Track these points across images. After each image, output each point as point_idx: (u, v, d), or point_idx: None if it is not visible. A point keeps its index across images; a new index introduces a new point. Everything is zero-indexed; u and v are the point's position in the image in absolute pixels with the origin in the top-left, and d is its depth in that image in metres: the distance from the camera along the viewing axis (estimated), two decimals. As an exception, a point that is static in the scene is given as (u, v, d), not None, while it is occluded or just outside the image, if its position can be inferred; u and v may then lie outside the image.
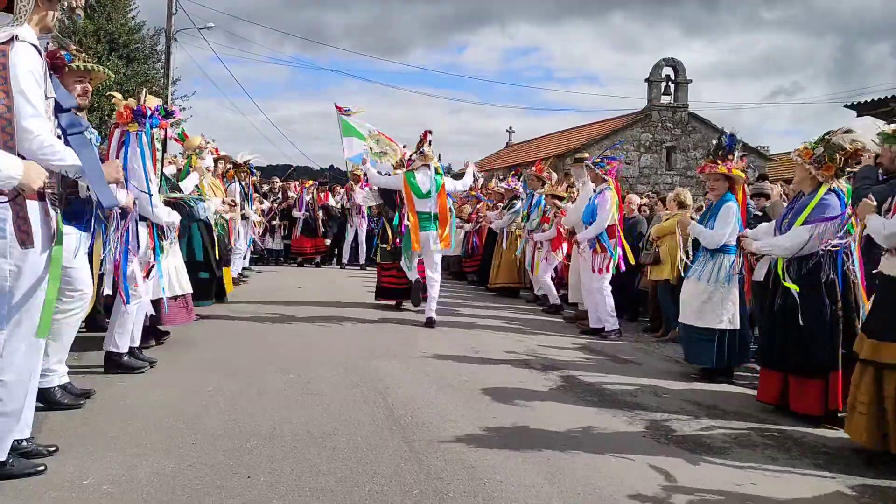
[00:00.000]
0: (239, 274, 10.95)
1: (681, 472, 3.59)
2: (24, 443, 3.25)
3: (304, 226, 14.68)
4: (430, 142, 8.08)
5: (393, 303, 9.02)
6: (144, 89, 4.92)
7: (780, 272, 4.69)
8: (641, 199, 9.90)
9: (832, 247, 4.54)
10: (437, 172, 7.98)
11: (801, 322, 4.51)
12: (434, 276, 8.02)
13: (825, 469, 3.76)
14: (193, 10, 45.99)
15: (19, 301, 3.01)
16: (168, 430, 3.85)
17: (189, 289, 6.05)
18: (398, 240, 8.41)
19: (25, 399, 3.11)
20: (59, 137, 3.17)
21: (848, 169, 4.70)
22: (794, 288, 4.55)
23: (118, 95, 4.91)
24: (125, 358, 5.03)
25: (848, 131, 4.64)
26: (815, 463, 3.85)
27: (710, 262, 5.68)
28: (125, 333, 5.01)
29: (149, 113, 4.83)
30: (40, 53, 3.02)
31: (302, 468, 3.40)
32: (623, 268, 7.64)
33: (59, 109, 3.21)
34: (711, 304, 5.57)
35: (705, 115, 26.44)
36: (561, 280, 9.75)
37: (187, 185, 6.78)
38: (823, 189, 4.68)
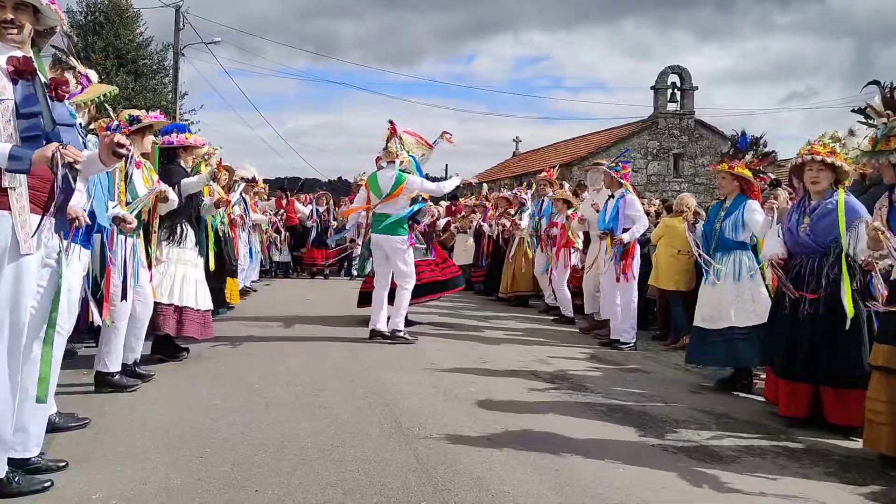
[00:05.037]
0: (245, 287, 10.93)
1: (690, 482, 3.57)
2: (33, 459, 3.26)
3: (316, 237, 14.68)
4: (400, 137, 7.54)
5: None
6: (108, 106, 4.86)
7: (847, 290, 4.34)
8: (647, 206, 9.90)
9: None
10: (400, 171, 7.41)
11: (845, 330, 4.30)
12: (403, 283, 7.41)
13: (836, 477, 3.73)
14: (201, 25, 46.31)
15: None
16: (176, 444, 3.86)
17: (205, 305, 6.02)
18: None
19: (12, 417, 3.03)
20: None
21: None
22: (850, 311, 4.26)
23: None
24: (116, 377, 4.93)
25: (851, 133, 4.56)
26: (826, 471, 3.82)
27: (728, 262, 5.58)
28: (113, 352, 4.90)
29: (115, 124, 4.82)
30: None
31: (310, 481, 3.40)
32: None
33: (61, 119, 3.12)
34: (743, 301, 5.44)
35: (717, 121, 26.49)
36: (575, 289, 9.68)
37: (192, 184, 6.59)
38: (842, 192, 4.58)
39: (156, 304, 5.59)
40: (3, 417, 3.00)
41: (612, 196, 7.66)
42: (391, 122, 7.58)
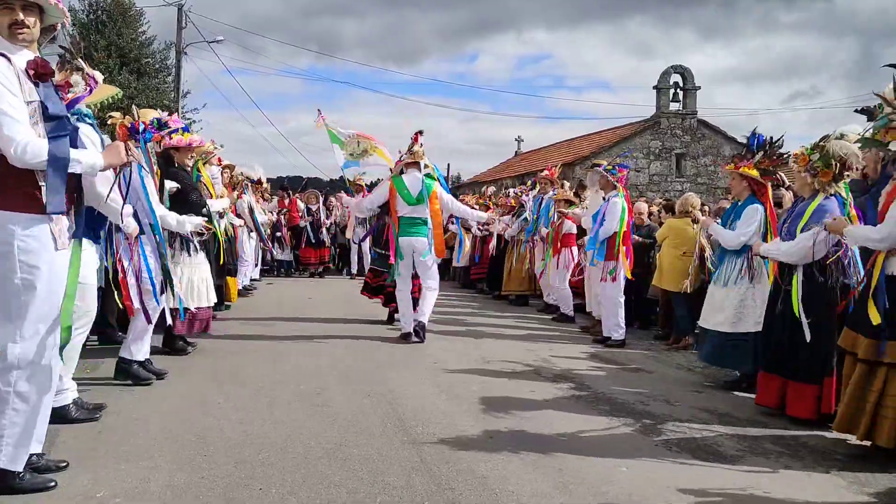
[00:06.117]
0: (245, 286, 10.92)
1: (693, 481, 3.57)
2: (34, 457, 3.25)
3: (309, 237, 14.68)
4: (421, 143, 7.64)
5: (379, 300, 8.54)
6: (134, 106, 4.91)
7: (794, 288, 4.66)
8: (651, 206, 9.88)
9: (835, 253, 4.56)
10: (428, 176, 7.51)
11: (807, 332, 4.52)
12: (430, 283, 7.55)
13: (839, 476, 3.73)
14: (203, 24, 46.36)
15: (35, 312, 3.03)
16: (179, 443, 3.87)
17: (212, 301, 6.17)
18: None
19: (41, 411, 3.13)
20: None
21: (847, 173, 4.74)
22: (799, 314, 4.56)
23: (116, 115, 4.84)
24: (135, 367, 5.07)
25: (841, 137, 4.65)
26: (829, 470, 3.82)
27: (736, 266, 5.56)
28: (139, 341, 5.09)
29: (142, 128, 4.85)
30: (9, 60, 2.98)
31: (313, 480, 3.40)
32: (628, 277, 7.61)
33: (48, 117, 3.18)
34: (745, 307, 5.45)
35: (720, 121, 26.40)
36: (574, 289, 9.66)
37: (215, 206, 6.72)
38: (821, 196, 4.72)
39: (189, 309, 5.84)
40: (34, 403, 3.08)
41: (604, 198, 7.69)
42: (419, 132, 7.70)
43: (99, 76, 3.61)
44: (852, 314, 4.19)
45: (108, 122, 4.87)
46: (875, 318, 3.82)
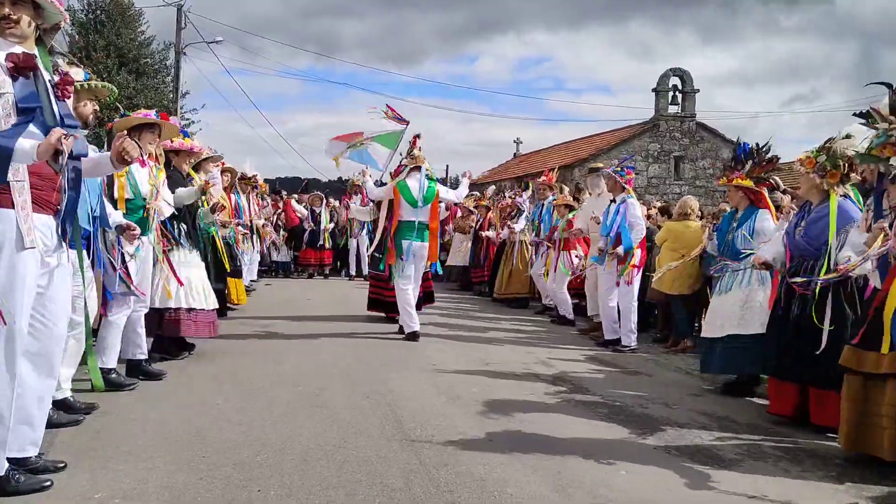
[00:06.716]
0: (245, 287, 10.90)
1: (692, 485, 3.57)
2: (32, 458, 3.23)
3: (310, 238, 14.69)
4: (419, 147, 7.89)
5: (383, 314, 8.72)
6: (120, 107, 4.87)
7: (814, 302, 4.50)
8: (649, 209, 9.90)
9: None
10: (430, 179, 7.76)
11: (823, 337, 4.39)
12: (419, 284, 8.00)
13: (838, 481, 3.72)
14: (203, 25, 46.32)
15: None
16: (178, 443, 3.86)
17: (212, 304, 6.02)
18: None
19: (11, 412, 3.01)
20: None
21: (853, 174, 4.69)
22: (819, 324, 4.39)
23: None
24: (112, 374, 4.90)
25: (847, 137, 4.61)
26: (828, 475, 3.81)
27: (738, 273, 5.53)
28: (109, 348, 4.88)
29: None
30: None
31: (312, 481, 3.40)
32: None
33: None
34: (751, 309, 5.40)
35: (718, 124, 26.42)
36: (575, 290, 9.63)
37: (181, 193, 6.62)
38: (834, 197, 4.64)
39: (168, 308, 5.65)
40: (7, 415, 2.99)
41: (613, 200, 7.65)
42: (416, 136, 7.96)
43: (77, 73, 3.57)
44: (863, 332, 3.97)
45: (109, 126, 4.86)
46: (886, 346, 3.70)
